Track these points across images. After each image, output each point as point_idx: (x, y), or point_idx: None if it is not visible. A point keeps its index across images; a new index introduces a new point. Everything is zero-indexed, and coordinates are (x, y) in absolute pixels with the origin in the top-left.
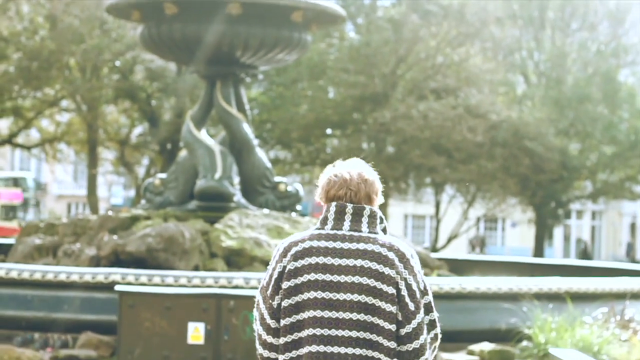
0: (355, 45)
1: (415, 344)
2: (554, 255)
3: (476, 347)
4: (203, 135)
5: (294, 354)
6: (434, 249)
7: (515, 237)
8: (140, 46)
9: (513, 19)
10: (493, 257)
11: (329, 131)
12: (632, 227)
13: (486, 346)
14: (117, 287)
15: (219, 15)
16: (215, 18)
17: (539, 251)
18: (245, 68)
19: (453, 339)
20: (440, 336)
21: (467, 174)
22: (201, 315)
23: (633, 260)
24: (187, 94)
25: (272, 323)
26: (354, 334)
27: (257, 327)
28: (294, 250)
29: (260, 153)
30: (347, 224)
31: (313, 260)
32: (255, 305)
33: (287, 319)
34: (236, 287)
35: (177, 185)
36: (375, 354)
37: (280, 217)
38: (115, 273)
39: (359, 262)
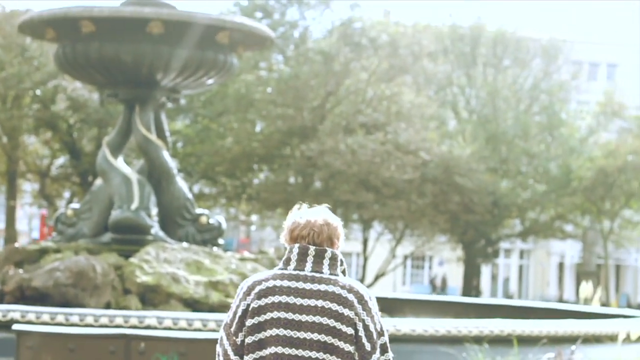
0: (284, 77)
1: None
2: (482, 294)
3: None
4: (119, 163)
5: None
6: None
7: (442, 276)
8: (56, 68)
9: (445, 54)
10: (423, 296)
11: (255, 166)
12: (560, 266)
13: None
14: (15, 326)
15: (138, 34)
16: (135, 37)
17: (467, 290)
18: (166, 92)
19: None
20: None
21: (396, 210)
22: (108, 359)
23: (561, 300)
24: (110, 124)
25: (236, 359)
26: None
27: None
28: (257, 289)
29: (181, 183)
30: (309, 265)
31: (276, 299)
32: (218, 341)
33: (251, 355)
34: (148, 327)
35: (91, 216)
36: None
37: (200, 251)
38: (15, 310)
39: (319, 303)
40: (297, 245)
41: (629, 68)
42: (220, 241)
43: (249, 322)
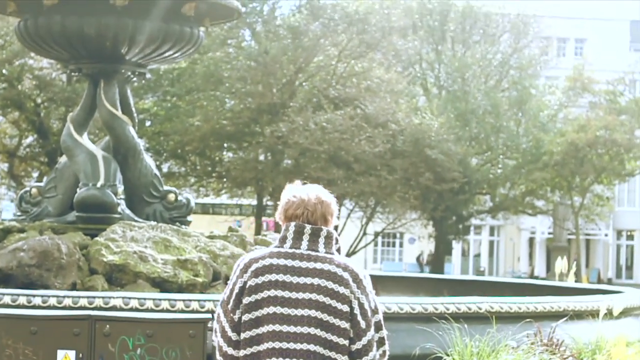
0: (252, 54)
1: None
2: (453, 271)
3: None
4: (84, 139)
5: None
6: None
7: (413, 253)
8: (19, 42)
9: (414, 30)
10: (396, 273)
11: (225, 144)
12: (531, 242)
13: None
14: None
15: (102, 6)
16: (99, 10)
17: (439, 267)
18: (131, 66)
19: None
20: (388, 353)
21: (366, 186)
22: (72, 341)
23: (532, 276)
24: (77, 103)
25: (233, 336)
26: (311, 347)
27: (217, 339)
28: (254, 267)
29: (148, 159)
30: (305, 244)
31: (273, 277)
32: (215, 318)
33: (247, 332)
34: (114, 308)
35: (55, 195)
36: None
37: (168, 229)
38: None
39: (315, 281)
40: (293, 223)
41: (597, 43)
42: (189, 219)
43: (245, 299)
